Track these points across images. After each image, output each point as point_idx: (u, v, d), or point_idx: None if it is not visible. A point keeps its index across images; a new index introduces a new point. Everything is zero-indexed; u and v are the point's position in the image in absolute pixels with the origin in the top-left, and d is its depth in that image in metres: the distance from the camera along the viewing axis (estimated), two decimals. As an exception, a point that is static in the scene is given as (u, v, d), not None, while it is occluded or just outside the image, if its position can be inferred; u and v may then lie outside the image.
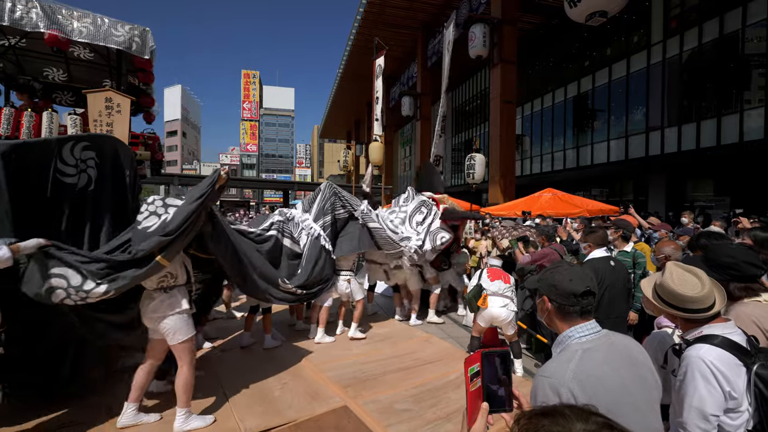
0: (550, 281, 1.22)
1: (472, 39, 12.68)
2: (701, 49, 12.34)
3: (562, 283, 1.18)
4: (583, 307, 1.16)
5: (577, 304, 1.15)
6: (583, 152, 17.12)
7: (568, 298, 1.16)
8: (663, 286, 1.36)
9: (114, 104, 4.76)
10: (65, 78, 6.71)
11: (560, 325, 1.20)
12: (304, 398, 3.09)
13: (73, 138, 2.98)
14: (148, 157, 5.65)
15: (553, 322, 1.23)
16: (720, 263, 1.59)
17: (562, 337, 1.19)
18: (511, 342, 3.77)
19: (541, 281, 1.27)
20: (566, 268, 1.24)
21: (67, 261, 2.42)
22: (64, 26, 4.54)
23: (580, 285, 1.16)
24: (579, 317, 1.17)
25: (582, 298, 1.15)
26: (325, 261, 4.40)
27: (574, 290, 1.16)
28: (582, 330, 1.15)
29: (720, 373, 1.21)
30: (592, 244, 3.05)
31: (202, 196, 2.73)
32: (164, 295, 2.75)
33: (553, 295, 1.19)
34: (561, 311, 1.18)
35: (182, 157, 67.06)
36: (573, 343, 1.14)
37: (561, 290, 1.17)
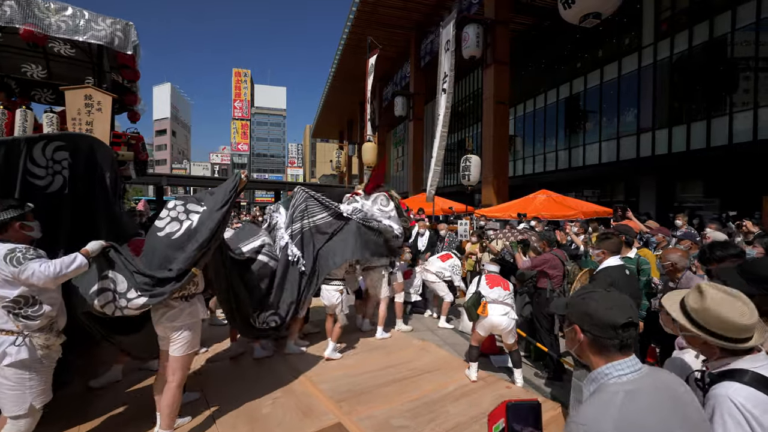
0: (583, 309, 1.07)
1: (466, 39, 12.62)
2: (691, 51, 12.44)
3: (598, 312, 1.03)
4: (623, 341, 1.01)
5: (617, 337, 1.01)
6: (575, 153, 17.19)
7: (606, 329, 1.01)
8: (706, 311, 1.19)
9: (94, 102, 4.54)
10: (45, 75, 6.43)
11: (595, 359, 1.05)
12: (296, 415, 2.93)
13: (45, 137, 2.78)
14: (131, 157, 5.41)
15: (585, 355, 1.08)
16: (761, 276, 1.47)
17: (597, 374, 1.04)
18: (511, 351, 3.66)
19: (572, 308, 1.11)
20: (602, 294, 1.08)
21: (120, 266, 2.43)
22: (41, 20, 4.30)
23: (620, 315, 1.01)
24: (618, 352, 1.02)
25: (623, 331, 1.01)
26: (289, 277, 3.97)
27: (614, 321, 1.01)
28: (621, 367, 1.00)
29: (752, 416, 1.07)
30: (606, 251, 2.91)
31: (227, 202, 2.69)
32: (185, 303, 2.61)
33: (588, 326, 1.04)
34: (597, 344, 1.04)
35: (172, 156, 66.02)
36: (611, 383, 0.99)
37: (598, 320, 1.03)
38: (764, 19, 10.45)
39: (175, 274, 2.44)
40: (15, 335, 2.05)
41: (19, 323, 2.05)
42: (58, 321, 2.24)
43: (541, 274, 3.94)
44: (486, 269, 3.93)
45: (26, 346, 2.06)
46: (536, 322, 4.01)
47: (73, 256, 2.17)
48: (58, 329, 2.24)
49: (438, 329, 5.38)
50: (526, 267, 4.04)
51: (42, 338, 2.12)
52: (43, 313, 2.10)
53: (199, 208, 2.70)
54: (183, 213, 2.66)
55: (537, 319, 3.96)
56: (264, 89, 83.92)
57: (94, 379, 3.43)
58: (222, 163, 74.40)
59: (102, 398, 3.19)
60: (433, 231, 7.85)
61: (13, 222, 2.14)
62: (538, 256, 3.99)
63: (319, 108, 34.44)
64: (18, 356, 2.03)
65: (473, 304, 3.47)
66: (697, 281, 2.60)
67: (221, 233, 2.75)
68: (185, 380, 2.67)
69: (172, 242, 2.54)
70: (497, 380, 3.67)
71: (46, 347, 2.13)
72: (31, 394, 2.10)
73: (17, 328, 2.05)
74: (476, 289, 3.60)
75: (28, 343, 2.07)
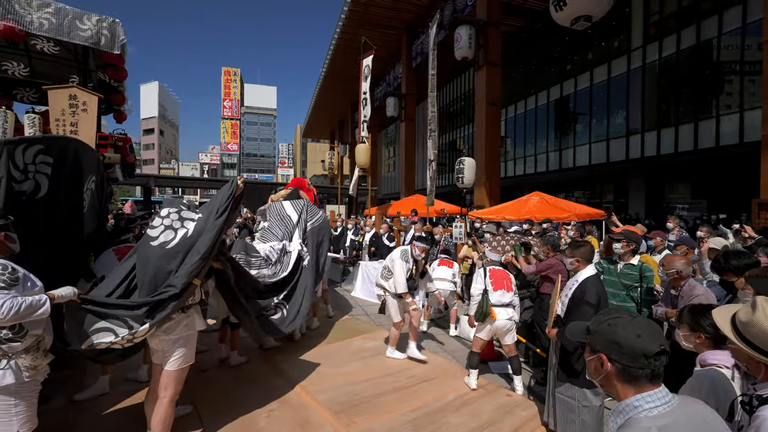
0: (610, 336, 1.00)
1: (458, 40, 12.62)
2: (679, 55, 12.65)
3: (628, 340, 0.97)
4: (655, 370, 0.96)
5: (649, 366, 0.95)
6: (565, 155, 17.35)
7: (638, 359, 0.95)
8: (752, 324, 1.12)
9: (79, 102, 4.36)
10: (27, 73, 6.18)
11: (622, 390, 0.99)
12: (292, 429, 2.83)
13: (26, 140, 2.64)
14: (117, 160, 5.23)
15: (611, 385, 1.01)
16: None
17: (625, 406, 0.98)
18: (511, 357, 3.62)
19: (596, 335, 1.04)
20: (628, 320, 1.01)
21: (113, 315, 2.25)
22: (22, 17, 4.10)
23: (652, 343, 0.95)
24: (649, 382, 0.96)
25: (654, 359, 0.95)
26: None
27: (646, 350, 0.95)
28: (652, 399, 0.95)
29: None
30: (581, 259, 2.69)
31: (225, 210, 2.58)
32: (182, 315, 2.50)
33: (616, 355, 0.98)
34: (626, 374, 0.97)
35: (159, 156, 64.87)
36: (642, 417, 0.93)
37: (628, 349, 0.96)
38: (750, 24, 10.66)
39: (179, 290, 2.32)
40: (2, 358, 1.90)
41: (3, 346, 1.89)
42: (45, 339, 2.09)
43: (545, 279, 3.91)
44: (488, 257, 3.84)
45: (11, 369, 1.91)
46: (537, 327, 3.97)
47: (41, 301, 1.95)
48: (45, 348, 2.09)
49: (436, 335, 5.31)
50: (530, 272, 4.00)
51: (28, 359, 1.97)
52: (26, 333, 1.95)
53: (194, 215, 2.58)
54: (177, 221, 2.53)
55: (538, 324, 3.93)
56: (254, 88, 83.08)
57: (79, 392, 3.29)
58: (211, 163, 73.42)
59: (88, 412, 3.04)
60: (428, 234, 7.81)
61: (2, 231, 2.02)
62: (542, 261, 3.95)
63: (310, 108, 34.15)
64: (3, 381, 1.88)
65: (485, 309, 3.41)
66: (701, 289, 2.59)
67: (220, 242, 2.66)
68: (178, 395, 2.56)
69: (166, 252, 2.40)
70: (497, 388, 3.62)
71: (33, 368, 1.99)
72: (18, 421, 1.96)
73: (1, 351, 1.90)
74: (483, 287, 3.52)
75: (14, 366, 1.92)
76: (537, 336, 4.05)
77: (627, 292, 3.36)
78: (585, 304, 2.46)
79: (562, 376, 2.61)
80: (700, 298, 2.50)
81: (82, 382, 3.46)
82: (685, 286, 2.68)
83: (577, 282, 2.61)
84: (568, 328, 1.22)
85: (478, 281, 3.63)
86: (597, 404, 2.53)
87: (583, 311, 2.43)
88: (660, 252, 4.38)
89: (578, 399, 2.53)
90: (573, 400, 2.55)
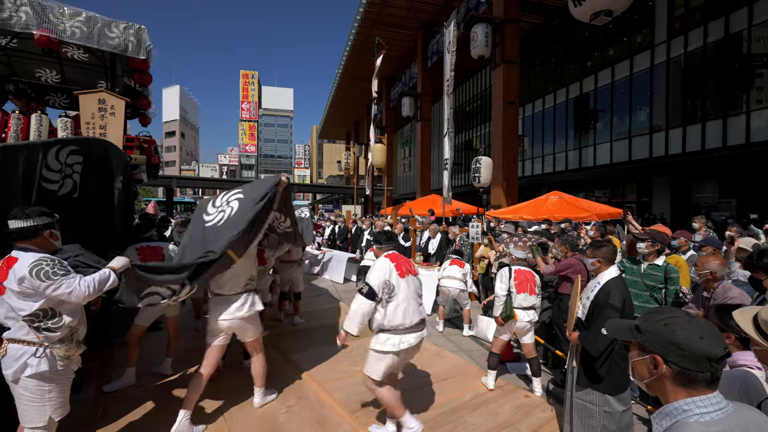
0: (667, 337, 0.95)
1: (474, 39, 12.50)
2: (705, 49, 12.19)
3: (689, 342, 0.92)
4: (714, 374, 0.91)
5: (710, 369, 0.91)
6: (585, 153, 16.96)
7: (700, 362, 0.91)
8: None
9: (108, 106, 4.55)
10: (59, 79, 6.49)
11: (674, 392, 0.94)
12: (311, 426, 2.88)
13: (60, 141, 2.78)
14: (143, 161, 5.43)
15: (661, 386, 0.97)
16: None
17: (674, 408, 0.93)
18: (530, 358, 3.57)
19: (650, 335, 0.99)
20: (687, 320, 0.96)
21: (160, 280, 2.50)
22: (56, 26, 4.32)
23: (717, 346, 0.91)
24: (706, 386, 0.92)
25: (717, 363, 0.91)
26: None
27: (711, 353, 0.90)
28: (704, 404, 0.90)
29: None
30: (603, 260, 2.60)
31: (265, 197, 2.86)
32: (248, 296, 2.99)
33: (675, 357, 0.93)
34: (683, 377, 0.93)
35: (180, 158, 66.67)
36: (692, 422, 0.89)
37: (689, 351, 0.92)
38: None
39: (217, 255, 2.61)
40: (35, 346, 2.02)
41: (40, 335, 2.01)
42: (79, 330, 2.21)
43: (563, 279, 3.84)
44: (513, 255, 3.75)
45: (46, 357, 2.03)
46: (556, 328, 3.91)
47: (107, 274, 2.18)
48: (78, 339, 2.21)
49: (452, 335, 5.29)
50: (549, 272, 3.93)
51: (62, 349, 2.09)
52: (63, 324, 2.07)
53: (241, 196, 2.93)
54: (226, 204, 2.91)
55: (557, 325, 3.86)
56: (271, 91, 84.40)
57: (107, 383, 3.43)
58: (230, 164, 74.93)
59: (116, 403, 3.17)
60: (444, 234, 7.78)
61: (45, 229, 2.14)
62: (561, 261, 3.88)
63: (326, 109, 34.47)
64: (38, 368, 2.00)
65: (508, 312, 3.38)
66: (736, 292, 2.49)
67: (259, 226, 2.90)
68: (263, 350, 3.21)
69: (217, 230, 2.77)
70: (515, 389, 3.58)
71: (66, 358, 2.11)
72: (51, 406, 2.08)
73: (37, 339, 2.02)
74: (507, 288, 3.47)
75: (49, 355, 2.04)
76: (556, 337, 3.99)
77: (650, 292, 3.26)
78: (609, 308, 2.38)
79: (583, 381, 2.52)
80: (734, 300, 2.40)
81: (110, 373, 3.61)
82: (719, 288, 2.57)
83: (600, 284, 2.53)
84: (608, 326, 1.17)
85: (502, 281, 3.55)
86: (620, 410, 2.44)
87: (607, 315, 2.35)
88: (684, 253, 4.23)
89: (599, 404, 2.44)
90: (593, 406, 2.46)
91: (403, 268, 2.73)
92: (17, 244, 2.05)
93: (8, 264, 1.98)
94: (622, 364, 2.43)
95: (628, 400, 2.52)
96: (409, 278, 2.74)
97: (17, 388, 2.01)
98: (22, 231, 2.04)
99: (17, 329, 2.00)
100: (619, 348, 2.39)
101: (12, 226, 2.04)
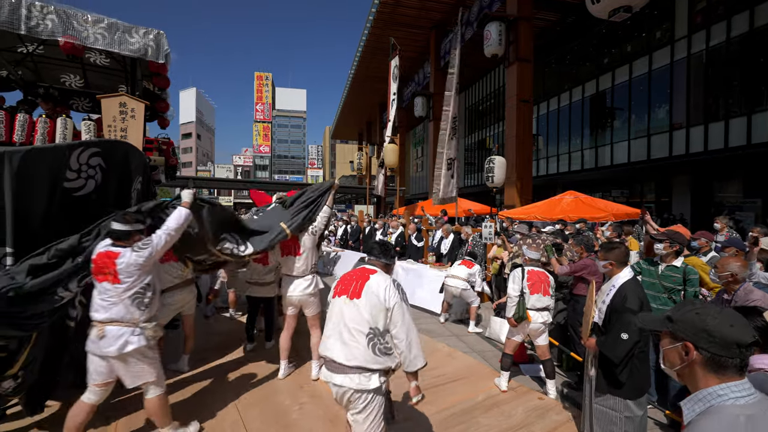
0: (699, 325, 0.99)
1: (487, 37, 12.38)
2: (729, 43, 11.80)
3: (721, 329, 0.96)
4: (744, 360, 0.95)
5: (740, 356, 0.95)
6: (601, 152, 16.62)
7: (730, 348, 0.95)
8: None
9: (128, 109, 4.69)
10: (82, 84, 6.71)
11: (706, 378, 0.98)
12: (323, 424, 2.92)
13: (83, 143, 2.91)
14: (162, 162, 5.58)
15: (692, 373, 1.01)
16: None
17: (707, 393, 0.96)
18: (544, 360, 3.53)
19: (681, 324, 1.03)
20: (717, 309, 1.01)
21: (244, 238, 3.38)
22: (80, 32, 4.48)
23: (746, 333, 0.95)
24: (736, 373, 0.95)
25: (747, 350, 0.95)
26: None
27: (741, 340, 0.94)
28: (740, 389, 0.93)
29: None
30: (615, 262, 2.54)
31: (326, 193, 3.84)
32: (313, 277, 3.74)
33: (705, 343, 0.97)
34: (714, 363, 0.97)
35: (197, 159, 68.00)
36: (729, 404, 0.92)
37: (720, 338, 0.95)
38: (812, 8, 9.79)
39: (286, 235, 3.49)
40: (132, 326, 2.42)
41: (139, 311, 2.45)
42: (158, 316, 2.71)
43: (579, 280, 3.79)
44: (527, 255, 3.72)
45: (143, 335, 2.46)
46: (571, 330, 3.86)
47: (178, 211, 2.72)
48: (158, 323, 2.65)
49: (464, 335, 5.28)
50: (564, 273, 3.88)
51: (150, 329, 2.52)
52: (154, 298, 2.57)
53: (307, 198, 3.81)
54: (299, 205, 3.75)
55: (572, 327, 3.81)
56: (285, 92, 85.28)
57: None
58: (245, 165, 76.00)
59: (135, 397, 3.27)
60: (456, 234, 7.74)
61: (138, 234, 2.56)
62: (576, 262, 3.83)
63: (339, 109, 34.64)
64: (139, 343, 2.43)
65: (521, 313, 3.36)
66: (758, 294, 2.42)
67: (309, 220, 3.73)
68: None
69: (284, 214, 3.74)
70: (528, 391, 3.55)
71: (152, 338, 2.54)
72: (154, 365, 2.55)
73: (134, 319, 2.43)
74: (520, 289, 3.45)
75: (143, 333, 2.47)
76: (571, 339, 3.93)
77: (669, 294, 3.18)
78: (627, 312, 2.33)
79: (602, 387, 2.47)
80: (756, 303, 2.31)
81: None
82: (740, 290, 2.49)
83: (615, 287, 2.47)
84: (640, 318, 1.22)
85: (515, 281, 3.52)
86: (640, 414, 2.40)
87: (626, 319, 2.30)
88: (705, 254, 4.11)
89: (620, 410, 2.38)
90: (614, 412, 2.40)
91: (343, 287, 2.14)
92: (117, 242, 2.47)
93: (110, 256, 2.41)
94: (642, 368, 2.39)
95: (645, 404, 2.47)
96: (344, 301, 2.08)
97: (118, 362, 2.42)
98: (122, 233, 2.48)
99: (115, 312, 2.39)
100: (639, 352, 2.35)
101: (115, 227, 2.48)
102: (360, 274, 2.14)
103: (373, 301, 2.01)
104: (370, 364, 1.99)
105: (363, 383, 1.99)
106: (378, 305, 2.01)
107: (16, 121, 4.65)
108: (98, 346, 2.37)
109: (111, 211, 3.24)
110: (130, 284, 2.40)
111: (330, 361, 2.09)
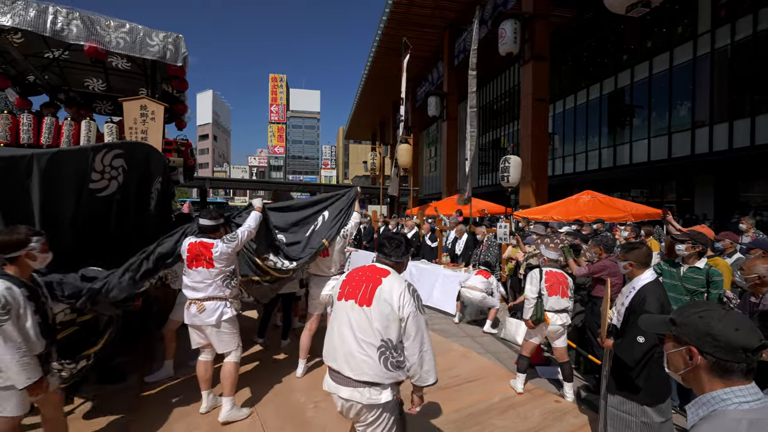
0: (703, 329, 0.96)
1: (502, 36, 12.26)
2: (756, 37, 11.37)
3: (725, 333, 0.93)
4: (750, 365, 0.92)
5: (746, 360, 0.92)
6: (620, 151, 16.23)
7: (736, 352, 0.92)
8: None
9: (148, 112, 4.81)
10: (104, 87, 6.91)
11: (711, 383, 0.95)
12: (338, 422, 2.92)
13: (107, 145, 3.00)
14: (181, 163, 5.70)
15: (698, 378, 0.98)
16: None
17: (711, 397, 0.94)
18: (562, 363, 3.47)
19: (685, 327, 1.00)
20: (722, 312, 0.98)
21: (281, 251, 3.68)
22: (103, 37, 4.62)
23: (753, 337, 0.92)
24: (742, 377, 0.92)
25: (753, 354, 0.91)
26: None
27: (747, 344, 0.91)
28: (743, 394, 0.90)
29: None
30: (635, 263, 2.43)
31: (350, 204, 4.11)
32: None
33: (710, 348, 0.94)
34: (719, 368, 0.94)
35: (213, 160, 69.31)
36: (731, 409, 0.89)
37: (725, 342, 0.92)
38: None
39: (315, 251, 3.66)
40: (224, 301, 2.96)
41: (229, 290, 2.97)
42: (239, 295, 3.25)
43: (597, 282, 3.71)
44: (545, 256, 3.65)
45: (233, 307, 3.01)
46: (589, 332, 3.78)
47: (255, 213, 3.20)
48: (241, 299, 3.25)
49: (479, 336, 5.23)
50: (582, 274, 3.80)
51: (236, 304, 3.07)
52: (237, 282, 3.10)
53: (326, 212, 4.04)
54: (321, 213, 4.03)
55: (590, 329, 3.73)
56: (299, 93, 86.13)
57: (149, 374, 3.64)
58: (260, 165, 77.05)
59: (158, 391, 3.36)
60: (471, 234, 7.68)
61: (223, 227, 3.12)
62: (595, 263, 3.75)
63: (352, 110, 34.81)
64: (231, 314, 2.98)
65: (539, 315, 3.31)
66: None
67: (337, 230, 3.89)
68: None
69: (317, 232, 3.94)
70: (545, 393, 3.49)
71: (237, 310, 3.07)
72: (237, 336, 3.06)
73: (225, 295, 2.96)
74: (538, 290, 3.39)
75: (232, 305, 3.00)
76: (589, 341, 3.85)
77: (691, 297, 3.08)
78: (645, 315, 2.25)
79: (617, 390, 2.40)
80: None
81: (151, 365, 3.83)
82: None
83: (635, 289, 2.39)
84: (642, 320, 1.18)
85: (533, 283, 3.46)
86: (658, 421, 2.30)
87: None
88: (730, 255, 3.97)
89: (636, 415, 2.31)
90: (630, 416, 2.33)
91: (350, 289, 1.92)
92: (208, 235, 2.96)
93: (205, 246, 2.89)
94: (661, 374, 2.31)
95: (668, 411, 2.38)
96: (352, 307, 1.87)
97: (215, 330, 2.91)
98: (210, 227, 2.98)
99: (211, 291, 2.90)
100: (657, 356, 2.27)
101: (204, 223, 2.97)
102: (370, 275, 1.91)
103: (385, 310, 1.79)
104: (382, 379, 1.78)
105: (374, 397, 1.79)
106: (391, 314, 1.79)
107: (43, 125, 4.83)
108: (200, 318, 2.88)
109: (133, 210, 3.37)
110: (221, 269, 2.91)
111: (335, 372, 1.88)
